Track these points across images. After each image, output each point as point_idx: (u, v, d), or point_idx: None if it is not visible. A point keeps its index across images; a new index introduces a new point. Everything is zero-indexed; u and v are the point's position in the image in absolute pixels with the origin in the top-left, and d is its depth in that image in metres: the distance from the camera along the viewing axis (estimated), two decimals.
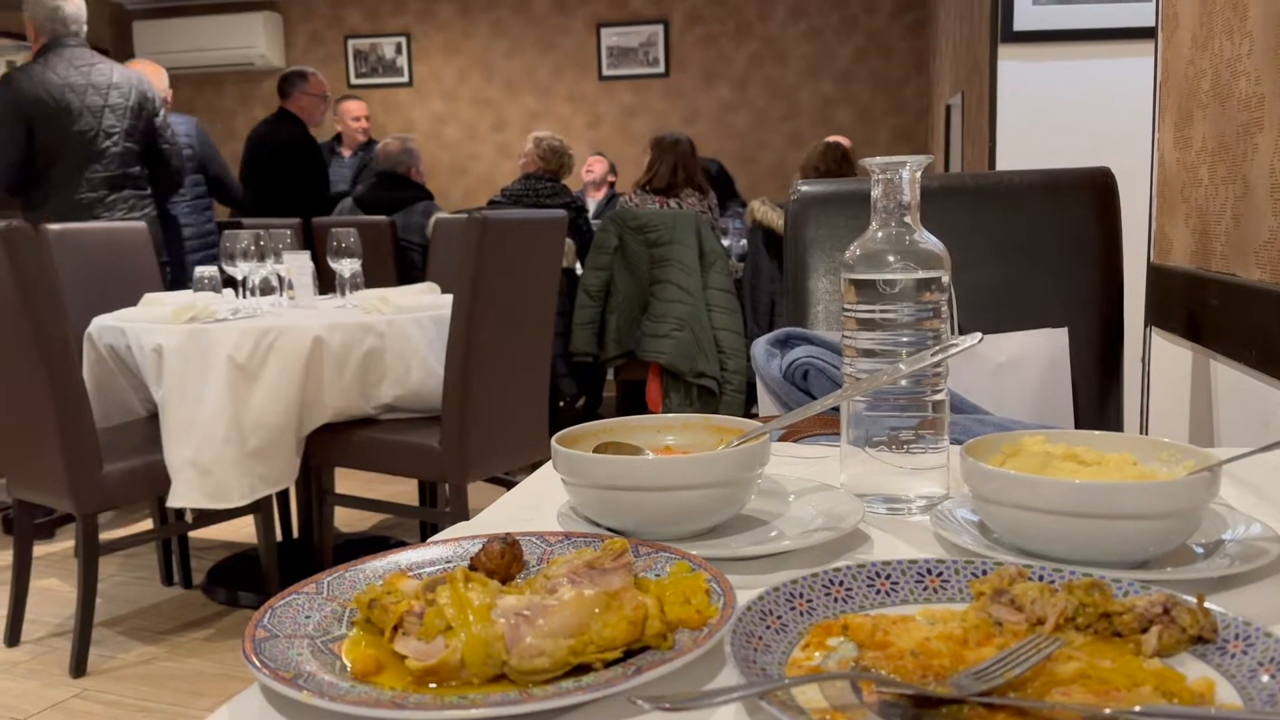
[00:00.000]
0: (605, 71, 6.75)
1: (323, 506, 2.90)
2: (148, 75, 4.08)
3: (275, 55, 7.09)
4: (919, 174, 0.76)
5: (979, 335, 0.67)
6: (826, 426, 0.97)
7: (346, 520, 3.60)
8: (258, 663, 0.46)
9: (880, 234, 0.76)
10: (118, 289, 3.27)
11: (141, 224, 3.60)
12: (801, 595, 0.53)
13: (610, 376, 4.53)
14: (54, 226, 3.27)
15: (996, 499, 0.62)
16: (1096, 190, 1.36)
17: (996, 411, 1.15)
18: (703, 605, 0.51)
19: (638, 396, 4.52)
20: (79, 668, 2.52)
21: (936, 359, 0.67)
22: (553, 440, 0.69)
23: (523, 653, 0.46)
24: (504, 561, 0.58)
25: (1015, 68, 3.67)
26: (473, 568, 0.58)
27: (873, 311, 0.74)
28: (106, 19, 7.09)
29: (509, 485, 3.34)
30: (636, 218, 4.25)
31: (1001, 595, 0.52)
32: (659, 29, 6.63)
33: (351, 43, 7.08)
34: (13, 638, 2.70)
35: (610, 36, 6.70)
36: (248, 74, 7.23)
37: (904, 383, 0.74)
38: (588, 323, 4.33)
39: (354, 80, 7.11)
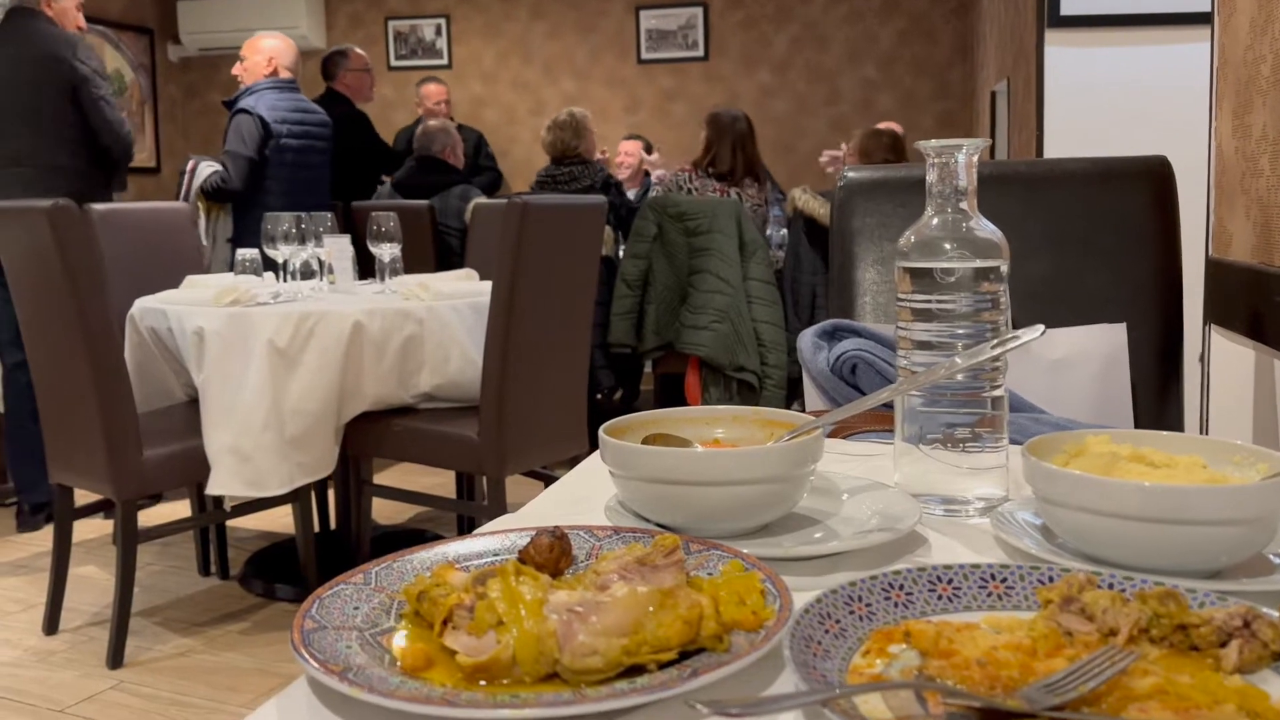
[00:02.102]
0: (644, 55, 6.72)
1: (360, 497, 2.89)
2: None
3: (317, 36, 7.12)
4: (976, 158, 0.74)
5: (1040, 328, 0.65)
6: (878, 423, 0.95)
7: (383, 513, 3.60)
8: (307, 655, 0.45)
9: (936, 221, 0.74)
10: (160, 270, 3.29)
11: (184, 205, 3.63)
12: (860, 599, 0.52)
13: (648, 369, 4.50)
14: (98, 206, 3.30)
15: (1061, 501, 0.60)
16: (1154, 180, 1.32)
17: (1052, 410, 1.13)
18: (758, 607, 0.49)
19: (676, 390, 4.48)
20: (116, 659, 2.52)
21: (996, 352, 0.65)
22: (601, 430, 0.67)
23: (575, 651, 0.45)
24: (553, 555, 0.56)
25: (1063, 53, 3.60)
26: (521, 561, 0.56)
27: (929, 302, 0.72)
28: (150, 0, 7.15)
29: (547, 480, 3.32)
30: (676, 205, 4.21)
31: (1071, 604, 0.50)
32: (698, 11, 6.57)
33: (392, 24, 7.09)
34: (51, 625, 2.71)
35: (649, 19, 6.66)
36: None
37: (961, 377, 0.72)
38: (626, 313, 4.29)
39: (394, 62, 7.13)
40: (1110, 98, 3.39)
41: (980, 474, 0.74)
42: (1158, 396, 1.35)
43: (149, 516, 3.59)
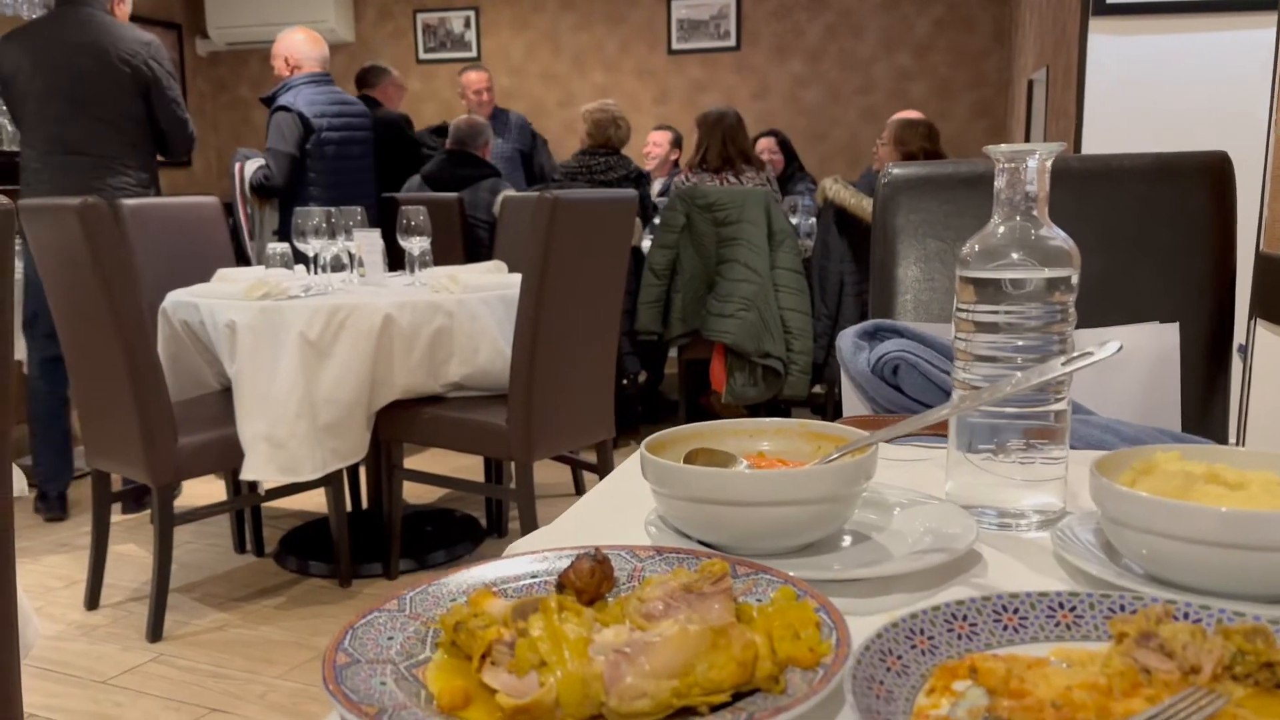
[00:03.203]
0: (675, 45, 6.66)
1: (391, 481, 2.92)
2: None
3: (345, 30, 7.12)
4: (1049, 163, 0.70)
5: (1117, 344, 0.61)
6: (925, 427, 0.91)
7: (414, 492, 3.62)
8: (340, 696, 0.43)
9: (1003, 228, 0.70)
10: (192, 263, 3.30)
11: (214, 199, 3.63)
12: (922, 631, 0.49)
13: (673, 354, 4.49)
14: (129, 201, 3.31)
15: (1133, 524, 0.57)
16: (1212, 176, 1.27)
17: (1100, 410, 1.09)
18: (814, 641, 0.47)
19: (701, 375, 4.48)
20: (155, 633, 2.58)
21: (1067, 370, 0.62)
22: (642, 447, 0.65)
23: (623, 694, 0.42)
24: (594, 580, 0.54)
25: (1106, 42, 3.52)
26: (561, 585, 0.54)
27: (995, 313, 0.68)
28: None
29: (574, 463, 3.32)
30: (705, 196, 4.18)
31: (1148, 639, 0.47)
32: (731, 1, 6.51)
33: (420, 17, 7.08)
34: (93, 601, 2.77)
35: (680, 9, 6.60)
36: None
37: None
38: (653, 301, 4.29)
39: (422, 55, 7.12)
40: (1153, 88, 3.32)
41: (1037, 485, 0.70)
42: (1204, 395, 1.31)
43: (184, 495, 3.63)
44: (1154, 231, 1.28)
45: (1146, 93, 3.33)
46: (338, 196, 3.92)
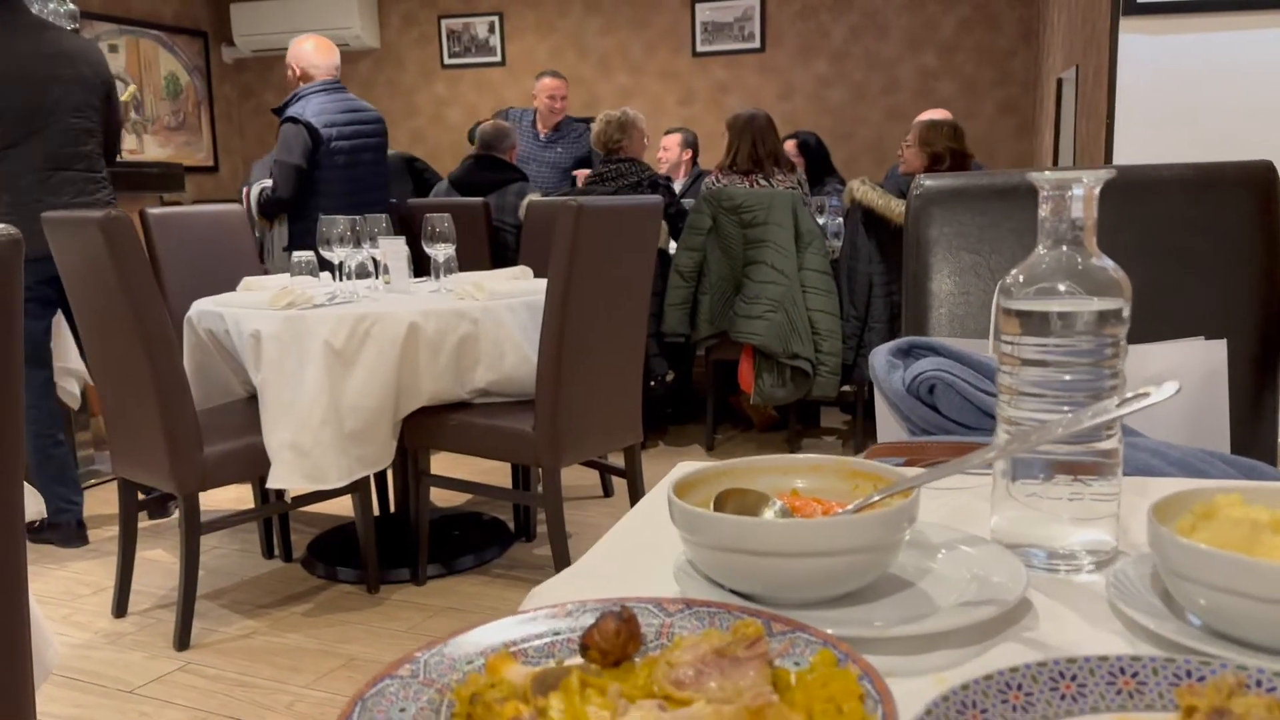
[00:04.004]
0: (699, 48, 6.63)
1: (419, 487, 2.91)
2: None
3: (370, 36, 7.13)
4: (1097, 190, 0.67)
5: (1175, 385, 0.58)
6: (962, 453, 0.88)
7: (442, 494, 3.61)
8: None
9: (1048, 258, 0.67)
10: (217, 271, 3.31)
11: (239, 207, 3.64)
12: (975, 704, 0.45)
13: (700, 353, 4.46)
14: (155, 210, 3.32)
15: (1194, 577, 0.53)
16: (1257, 186, 1.23)
17: (1146, 430, 1.05)
18: (859, 718, 0.43)
19: (729, 376, 4.45)
20: (183, 641, 2.58)
21: (1122, 413, 0.58)
22: (669, 490, 0.62)
23: None
24: (619, 640, 0.51)
25: (1138, 41, 3.46)
26: (584, 646, 0.51)
27: (1043, 347, 0.65)
28: (203, 2, 7.22)
29: (603, 468, 3.30)
30: (731, 198, 4.15)
31: (1222, 717, 0.43)
32: (755, 3, 6.47)
33: (445, 22, 7.08)
34: (120, 609, 2.78)
35: (705, 11, 6.57)
36: (344, 55, 7.26)
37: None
38: (680, 303, 4.27)
39: (447, 60, 7.12)
40: (1188, 89, 3.25)
41: (1087, 522, 0.67)
42: (1252, 413, 1.26)
43: (213, 497, 3.62)
44: (1197, 243, 1.24)
45: (1181, 94, 3.27)
46: (350, 205, 3.89)
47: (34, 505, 1.22)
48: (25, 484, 1.15)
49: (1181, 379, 1.15)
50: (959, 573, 0.61)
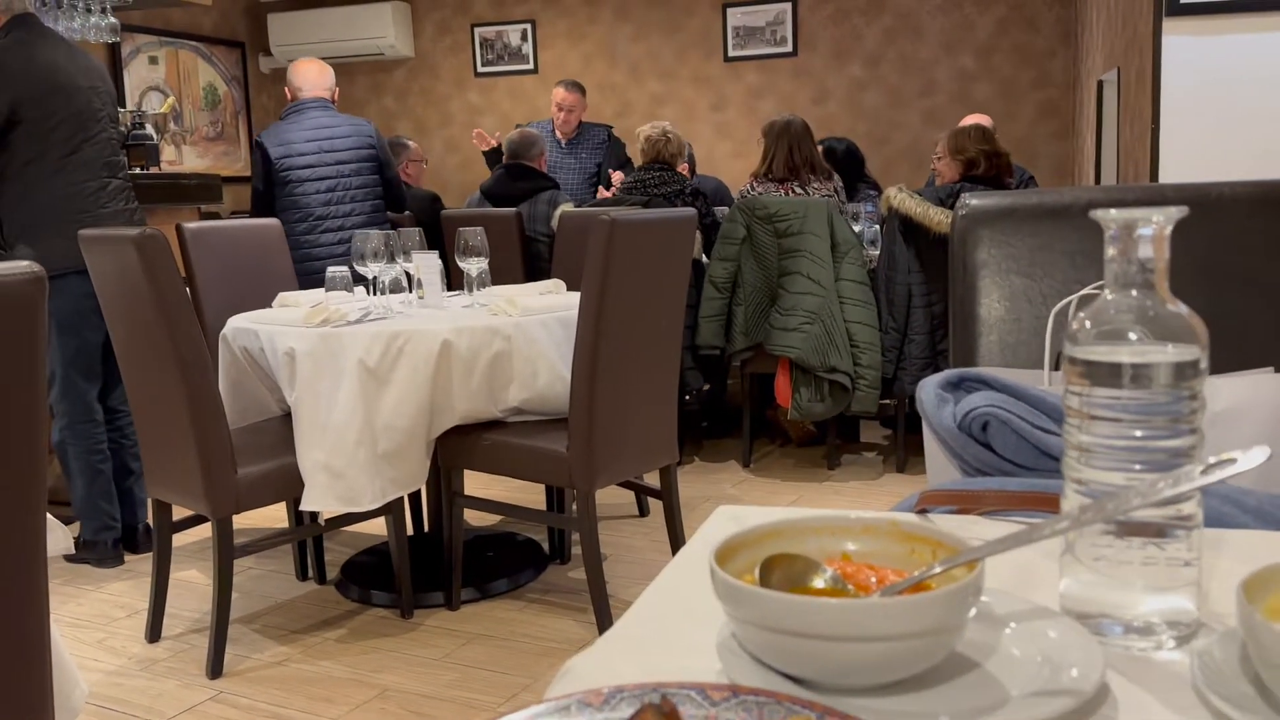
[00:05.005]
0: (731, 53, 6.58)
1: (452, 508, 2.88)
2: None
3: (405, 45, 7.16)
4: (1168, 230, 0.62)
5: (1265, 451, 0.53)
6: (1025, 503, 0.83)
7: (475, 513, 3.59)
8: None
9: (1117, 302, 0.62)
10: (254, 286, 3.31)
11: (276, 221, 3.64)
12: None
13: (735, 365, 4.41)
14: (192, 225, 3.33)
15: None
16: None
17: None
18: None
19: (766, 389, 4.39)
20: (215, 669, 2.56)
21: (1206, 482, 0.53)
22: (710, 558, 0.58)
23: None
24: None
25: (1183, 43, 3.37)
26: None
27: (1114, 401, 0.60)
28: (242, 11, 7.28)
29: (639, 488, 3.26)
30: (765, 206, 4.10)
31: None
32: (787, 7, 6.41)
33: (478, 31, 7.09)
34: (154, 633, 2.77)
35: (736, 16, 6.52)
36: (378, 64, 7.33)
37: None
38: (714, 315, 4.22)
39: (480, 68, 7.13)
40: (1237, 91, 3.16)
41: (1165, 590, 0.62)
42: None
43: (246, 514, 3.61)
44: (1260, 266, 1.18)
45: (1229, 98, 3.18)
46: (308, 229, 4.03)
47: (61, 540, 1.20)
48: (50, 516, 1.13)
49: (1250, 413, 1.10)
50: (1029, 653, 0.57)
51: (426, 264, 3.05)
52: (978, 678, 0.56)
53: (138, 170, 4.91)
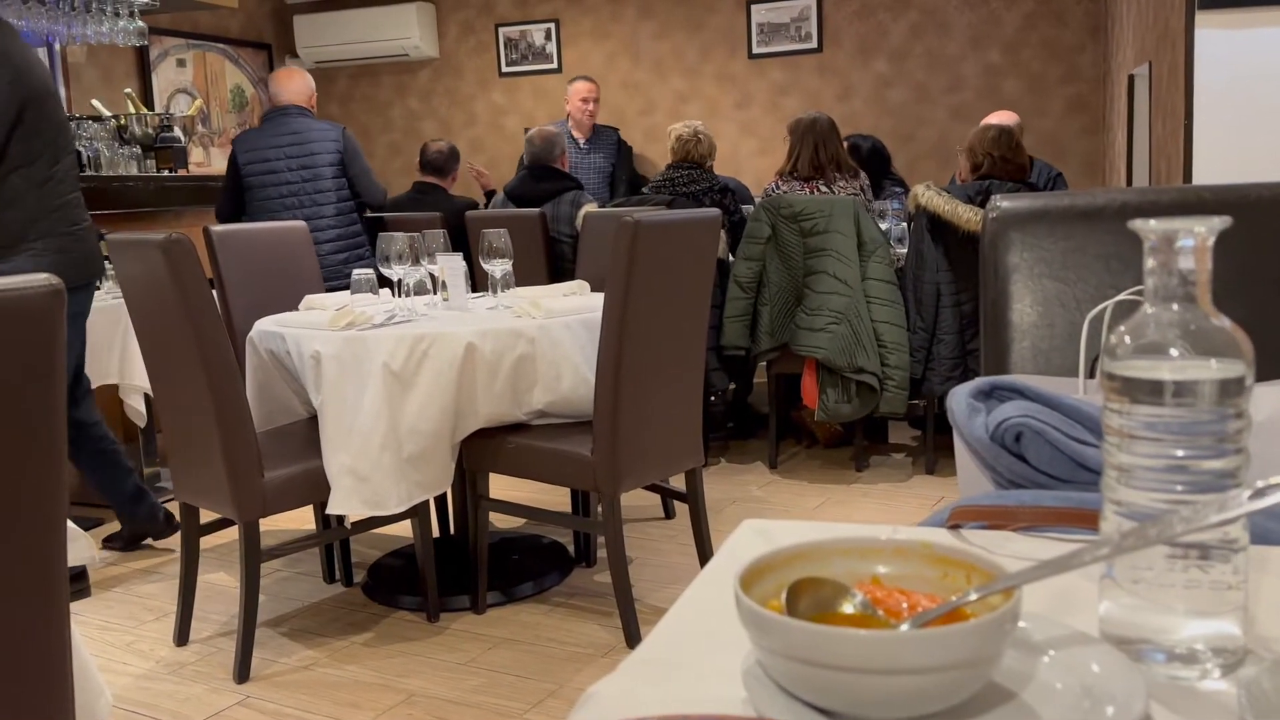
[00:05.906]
0: (755, 49, 6.54)
1: (477, 511, 2.88)
2: None
3: (429, 45, 7.17)
4: (1210, 242, 0.60)
5: None
6: (1061, 519, 0.81)
7: (500, 516, 3.59)
8: None
9: (1157, 316, 0.59)
10: (280, 288, 3.33)
11: (302, 223, 3.65)
12: None
13: (761, 365, 4.38)
14: (217, 228, 3.34)
15: None
16: None
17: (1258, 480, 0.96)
18: None
19: (793, 389, 4.36)
20: (242, 674, 2.56)
21: (1257, 506, 0.51)
22: (735, 583, 0.56)
23: None
24: None
25: (1216, 37, 3.31)
26: None
27: (1155, 419, 0.57)
28: (268, 14, 7.32)
29: (664, 492, 3.25)
30: (790, 205, 4.07)
31: None
32: (811, 3, 6.37)
33: (502, 31, 7.09)
34: (182, 636, 2.78)
35: (760, 13, 6.48)
36: (403, 65, 7.34)
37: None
38: (739, 315, 4.19)
39: (505, 68, 7.13)
40: (1271, 88, 3.10)
41: (1209, 615, 0.59)
42: None
43: (271, 521, 3.63)
44: None
45: (1264, 93, 3.12)
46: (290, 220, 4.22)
47: (85, 550, 1.20)
48: (73, 526, 1.12)
49: None
50: (1069, 683, 0.55)
51: (451, 266, 3.05)
52: (1016, 709, 0.54)
53: (166, 172, 4.95)
